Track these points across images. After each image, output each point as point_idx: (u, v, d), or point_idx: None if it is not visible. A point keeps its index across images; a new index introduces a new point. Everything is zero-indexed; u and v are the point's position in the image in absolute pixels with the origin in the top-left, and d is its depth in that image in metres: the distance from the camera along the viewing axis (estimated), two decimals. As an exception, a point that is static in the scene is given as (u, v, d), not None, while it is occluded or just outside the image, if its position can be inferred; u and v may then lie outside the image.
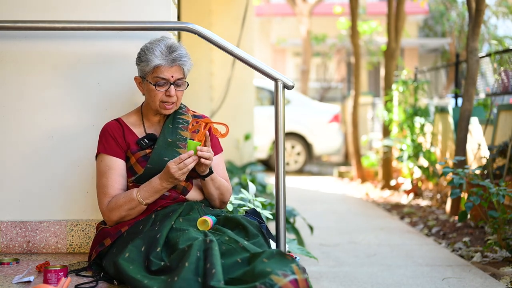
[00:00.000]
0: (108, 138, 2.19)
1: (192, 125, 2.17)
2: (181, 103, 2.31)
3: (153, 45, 2.16)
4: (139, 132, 2.24)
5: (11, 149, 2.49)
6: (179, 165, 2.03)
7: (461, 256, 3.94)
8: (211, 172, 2.18)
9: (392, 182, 7.32)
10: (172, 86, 2.16)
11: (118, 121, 2.25)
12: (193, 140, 2.16)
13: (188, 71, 2.22)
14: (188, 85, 2.22)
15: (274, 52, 17.62)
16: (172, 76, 2.15)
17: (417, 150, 6.59)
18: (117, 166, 2.17)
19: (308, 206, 6.24)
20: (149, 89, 2.18)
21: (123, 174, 2.18)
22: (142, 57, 2.17)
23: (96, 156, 2.22)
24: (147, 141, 2.19)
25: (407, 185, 6.75)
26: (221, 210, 2.28)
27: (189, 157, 2.04)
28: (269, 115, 9.33)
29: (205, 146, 2.12)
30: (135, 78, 2.25)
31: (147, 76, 2.17)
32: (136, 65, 2.22)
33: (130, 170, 2.19)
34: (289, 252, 2.58)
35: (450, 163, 4.84)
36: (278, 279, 1.68)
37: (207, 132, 2.13)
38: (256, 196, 3.49)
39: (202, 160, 2.08)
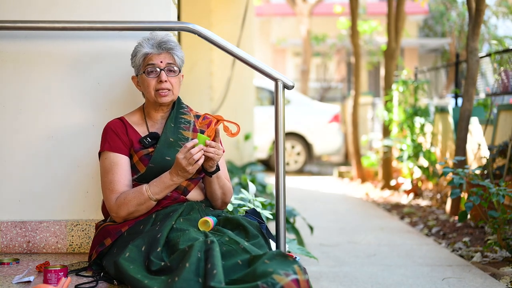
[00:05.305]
0: (112, 135, 2.19)
1: (203, 119, 2.16)
2: (184, 104, 2.32)
3: (141, 40, 2.23)
4: (141, 130, 2.24)
5: (11, 149, 2.49)
6: (186, 155, 2.03)
7: (461, 256, 3.94)
8: (218, 169, 2.18)
9: (392, 182, 7.32)
10: (162, 71, 2.18)
11: (121, 119, 2.25)
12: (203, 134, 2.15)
13: (182, 61, 2.25)
14: (183, 75, 2.26)
15: (274, 52, 17.62)
16: (161, 62, 2.18)
17: (417, 150, 6.59)
18: (122, 162, 2.17)
19: (308, 206, 6.24)
20: (142, 80, 2.21)
21: (128, 170, 2.18)
22: (133, 54, 2.24)
23: (100, 154, 2.22)
24: (150, 140, 2.20)
25: (407, 185, 6.75)
26: (221, 210, 2.28)
27: (194, 147, 2.03)
28: (269, 115, 9.32)
29: (214, 142, 2.12)
30: (132, 78, 2.28)
31: (140, 70, 2.21)
32: (132, 66, 2.26)
33: (132, 169, 2.19)
34: (289, 252, 2.58)
35: (450, 163, 4.84)
36: (280, 278, 1.68)
37: (218, 128, 2.13)
38: (256, 196, 3.49)
39: (210, 154, 2.08)
